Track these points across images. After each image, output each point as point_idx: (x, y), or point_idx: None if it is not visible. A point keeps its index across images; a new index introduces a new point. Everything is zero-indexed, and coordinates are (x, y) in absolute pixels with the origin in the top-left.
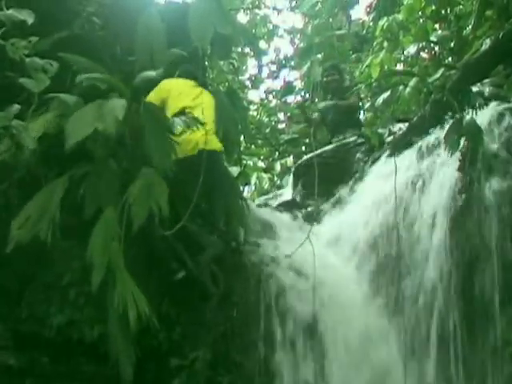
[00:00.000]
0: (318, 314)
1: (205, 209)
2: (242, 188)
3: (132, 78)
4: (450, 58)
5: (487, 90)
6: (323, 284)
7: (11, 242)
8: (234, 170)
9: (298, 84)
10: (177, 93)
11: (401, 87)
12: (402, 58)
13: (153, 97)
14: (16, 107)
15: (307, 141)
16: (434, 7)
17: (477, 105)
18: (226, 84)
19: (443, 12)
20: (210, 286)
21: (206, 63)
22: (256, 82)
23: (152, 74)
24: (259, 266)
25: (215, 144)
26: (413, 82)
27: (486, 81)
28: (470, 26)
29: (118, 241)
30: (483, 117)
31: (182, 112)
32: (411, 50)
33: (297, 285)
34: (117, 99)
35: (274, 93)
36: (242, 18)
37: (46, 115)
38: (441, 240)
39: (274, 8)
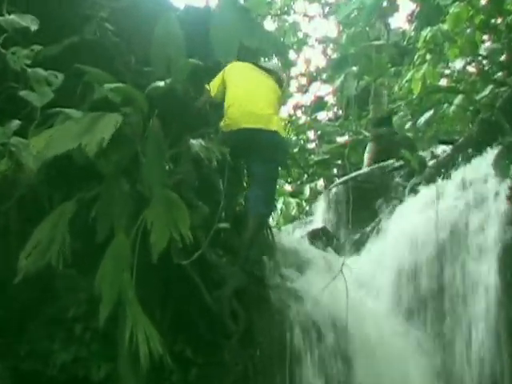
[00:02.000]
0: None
1: (226, 236)
2: None
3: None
4: (500, 73)
5: None
6: (357, 326)
7: (19, 273)
8: None
9: (330, 99)
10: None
11: (445, 105)
12: (447, 73)
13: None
14: (16, 123)
15: (340, 162)
16: (482, 16)
17: None
18: None
19: (493, 22)
20: (230, 323)
21: None
22: (284, 96)
23: (161, 83)
24: (285, 301)
25: None
26: (458, 99)
27: None
28: None
29: (130, 271)
30: None
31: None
32: (457, 63)
33: (327, 323)
34: (113, 114)
35: (303, 108)
36: (270, 24)
37: (49, 131)
38: (488, 277)
39: (305, 14)
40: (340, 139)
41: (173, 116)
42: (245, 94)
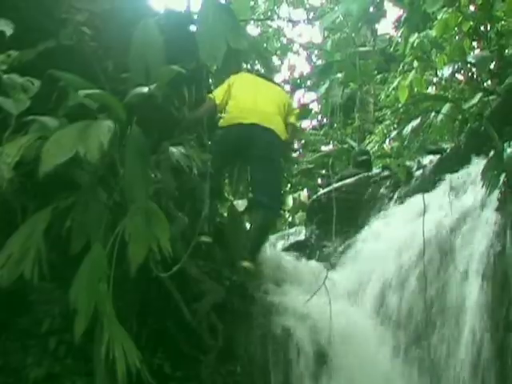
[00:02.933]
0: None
1: (207, 250)
2: (247, 226)
3: (125, 97)
4: (489, 82)
5: None
6: (342, 342)
7: None
8: (240, 204)
9: (315, 107)
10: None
11: (432, 114)
12: (435, 81)
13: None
14: None
15: (324, 172)
16: (471, 23)
17: None
18: None
19: (482, 29)
20: (208, 337)
21: (210, 81)
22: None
23: (144, 89)
24: (267, 315)
25: None
26: (446, 108)
27: None
28: None
29: (107, 283)
30: None
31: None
32: (445, 71)
33: (309, 339)
34: (103, 120)
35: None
36: (253, 30)
37: (23, 139)
38: (475, 293)
39: (289, 20)
40: (325, 148)
41: (152, 123)
42: (247, 92)
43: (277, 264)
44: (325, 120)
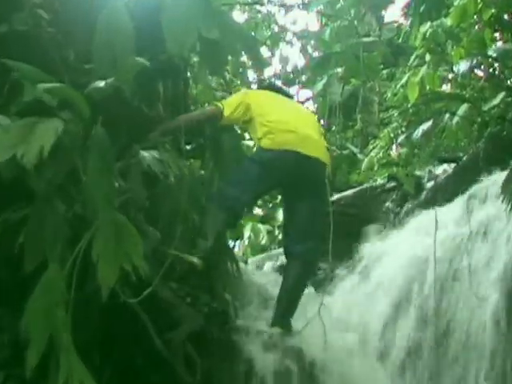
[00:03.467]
0: None
1: (183, 271)
2: (231, 244)
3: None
4: None
5: None
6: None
7: None
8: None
9: (310, 106)
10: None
11: (447, 116)
12: (450, 77)
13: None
14: None
15: None
16: (493, 10)
17: None
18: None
19: (506, 17)
20: (184, 371)
21: (188, 74)
22: None
23: (108, 82)
24: (252, 346)
25: None
26: (463, 109)
27: None
28: None
29: (65, 308)
30: None
31: None
32: (462, 66)
33: (300, 373)
34: (53, 120)
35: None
36: (239, 16)
37: None
38: (492, 320)
39: (282, 4)
40: None
41: (120, 123)
42: (291, 115)
43: (264, 289)
44: (321, 121)
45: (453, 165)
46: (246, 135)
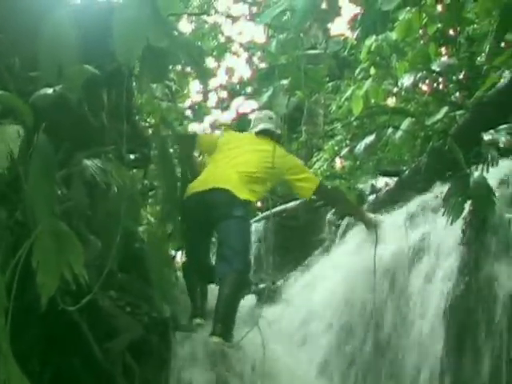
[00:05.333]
0: None
1: (123, 280)
2: (172, 253)
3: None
4: (457, 94)
5: (503, 140)
6: None
7: None
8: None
9: None
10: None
11: (390, 129)
12: (394, 91)
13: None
14: None
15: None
16: (438, 25)
17: (489, 158)
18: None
19: (451, 33)
20: (122, 381)
21: (134, 84)
22: (200, 112)
23: (49, 91)
24: (191, 356)
25: None
26: (406, 123)
27: (503, 127)
28: (485, 53)
29: (4, 316)
30: (496, 174)
31: None
32: (406, 80)
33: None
34: (12, 126)
35: (222, 128)
36: (185, 26)
37: None
38: (433, 338)
39: (228, 15)
40: None
41: (63, 131)
42: (225, 160)
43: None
44: None
45: (395, 178)
46: None
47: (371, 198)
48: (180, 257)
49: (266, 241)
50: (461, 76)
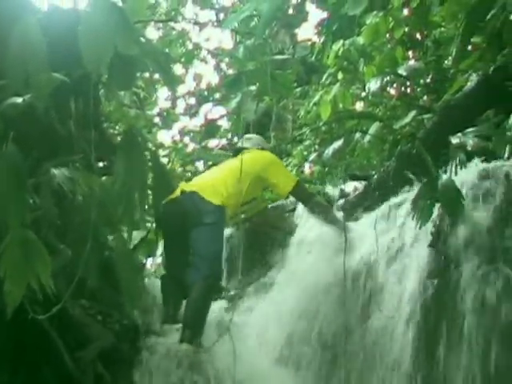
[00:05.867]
0: None
1: (92, 286)
2: (143, 260)
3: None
4: (424, 97)
5: (471, 143)
6: None
7: None
8: (135, 236)
9: (224, 124)
10: None
11: (358, 134)
12: (362, 95)
13: None
14: None
15: None
16: (405, 29)
17: (457, 161)
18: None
19: (418, 36)
20: None
21: (102, 92)
22: (168, 119)
23: (20, 100)
24: (162, 363)
25: None
26: (374, 127)
27: (471, 130)
28: (452, 56)
29: None
30: (464, 177)
31: None
32: (373, 84)
33: None
34: None
35: (191, 134)
36: (153, 33)
37: None
38: (403, 342)
39: (196, 22)
40: None
41: (31, 140)
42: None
43: None
44: (235, 139)
45: (364, 182)
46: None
47: (340, 202)
48: (150, 264)
49: (238, 246)
50: (428, 79)
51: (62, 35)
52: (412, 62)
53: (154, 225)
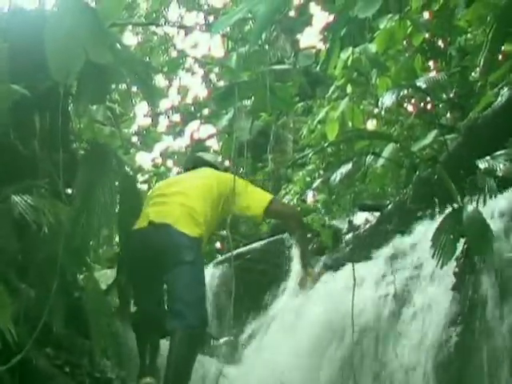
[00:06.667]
0: None
1: (59, 332)
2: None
3: None
4: (447, 115)
5: (501, 167)
6: None
7: None
8: (109, 275)
9: (214, 144)
10: None
11: (370, 157)
12: (375, 112)
13: None
14: None
15: (225, 233)
16: (425, 35)
17: (485, 189)
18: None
19: (440, 44)
20: None
21: (71, 106)
22: (148, 138)
23: None
24: None
25: None
26: (389, 149)
27: (501, 152)
28: (480, 67)
29: None
30: (494, 208)
31: None
32: (388, 99)
33: None
34: None
35: (175, 157)
36: (130, 38)
37: None
38: None
39: (181, 26)
40: None
41: None
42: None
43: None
44: (227, 162)
45: (376, 214)
46: None
47: (348, 236)
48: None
49: (226, 288)
50: (452, 94)
51: (24, 40)
52: (433, 74)
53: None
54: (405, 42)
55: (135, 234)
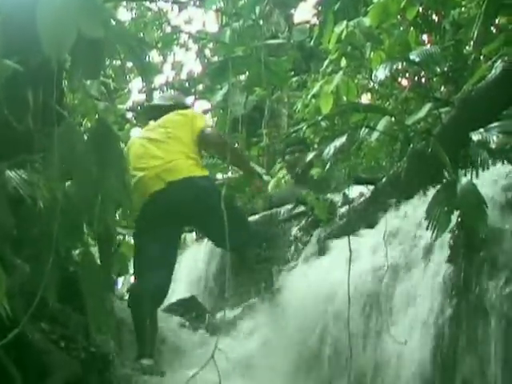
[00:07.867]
0: None
1: (54, 307)
2: (113, 278)
3: None
4: (441, 88)
5: (495, 139)
6: None
7: None
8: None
9: (209, 120)
10: None
11: (365, 130)
12: (369, 86)
13: None
14: None
15: None
16: (419, 8)
17: (479, 161)
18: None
19: (434, 17)
20: None
21: (65, 81)
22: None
23: None
24: None
25: None
26: (383, 122)
27: (495, 125)
28: (474, 40)
29: None
30: (488, 179)
31: None
32: (381, 72)
33: None
34: None
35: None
36: (124, 14)
37: None
38: (418, 372)
39: (175, 1)
40: (221, 176)
41: None
42: (136, 155)
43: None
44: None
45: (371, 187)
46: None
47: (343, 209)
48: (122, 283)
49: (223, 261)
50: (446, 67)
51: (17, 14)
52: (427, 47)
53: (126, 236)
54: (399, 16)
55: (156, 195)
